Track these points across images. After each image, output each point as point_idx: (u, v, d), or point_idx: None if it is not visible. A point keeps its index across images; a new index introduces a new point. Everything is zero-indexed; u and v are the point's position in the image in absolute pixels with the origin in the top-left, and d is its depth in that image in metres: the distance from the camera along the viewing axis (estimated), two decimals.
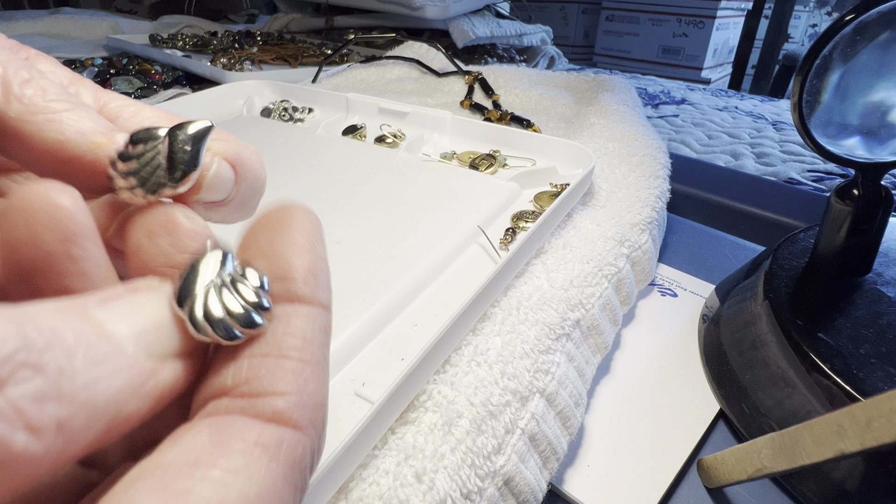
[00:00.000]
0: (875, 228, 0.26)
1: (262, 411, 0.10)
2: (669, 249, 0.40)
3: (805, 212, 0.45)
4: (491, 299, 0.23)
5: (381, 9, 0.88)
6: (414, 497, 0.17)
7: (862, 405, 0.16)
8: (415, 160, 0.37)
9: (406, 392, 0.18)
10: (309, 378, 0.10)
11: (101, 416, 0.08)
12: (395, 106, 0.43)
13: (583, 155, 0.35)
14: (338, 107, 0.47)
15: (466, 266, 0.27)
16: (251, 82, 0.51)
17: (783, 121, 0.74)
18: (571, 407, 0.22)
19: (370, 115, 0.45)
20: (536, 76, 0.59)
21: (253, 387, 0.10)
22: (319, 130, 0.42)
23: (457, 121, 0.41)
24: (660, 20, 1.64)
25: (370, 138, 0.42)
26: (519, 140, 0.38)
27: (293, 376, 0.10)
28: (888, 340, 0.23)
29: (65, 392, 0.08)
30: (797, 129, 0.25)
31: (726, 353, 0.28)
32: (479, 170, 0.36)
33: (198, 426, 0.09)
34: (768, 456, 0.19)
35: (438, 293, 0.25)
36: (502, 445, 0.19)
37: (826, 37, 0.24)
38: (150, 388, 0.09)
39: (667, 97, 0.85)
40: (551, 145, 0.37)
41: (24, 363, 0.07)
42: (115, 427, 0.09)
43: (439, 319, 0.23)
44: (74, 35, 0.90)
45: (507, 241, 0.29)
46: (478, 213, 0.30)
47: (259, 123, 0.45)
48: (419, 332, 0.23)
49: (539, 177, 0.35)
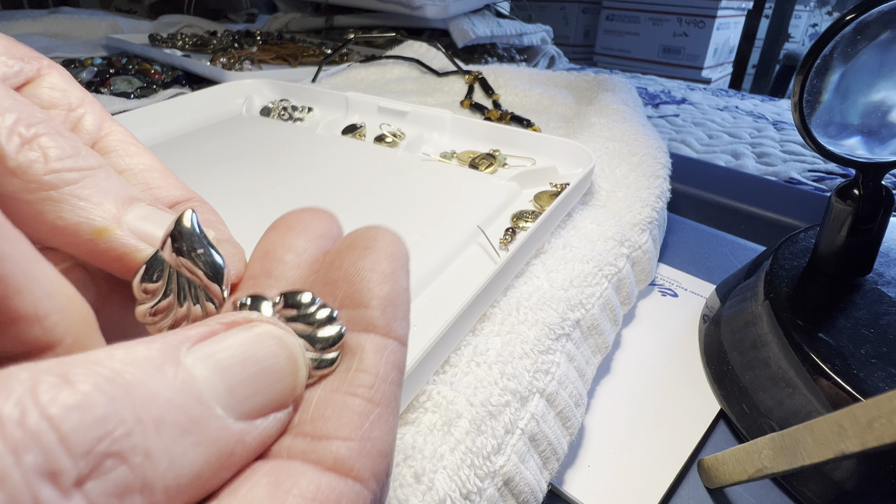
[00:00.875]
0: (876, 228, 0.26)
1: (323, 457, 0.09)
2: (670, 249, 0.40)
3: (806, 212, 0.45)
4: (491, 300, 0.23)
5: (381, 8, 0.88)
6: (413, 497, 0.16)
7: (863, 405, 0.16)
8: (414, 159, 0.37)
9: (405, 393, 0.18)
10: (376, 422, 0.09)
11: (181, 495, 0.07)
12: (395, 105, 0.43)
13: (583, 154, 0.35)
14: (337, 106, 0.47)
15: (466, 266, 0.27)
16: (250, 81, 0.51)
17: (784, 120, 0.73)
18: (571, 407, 0.22)
19: (370, 114, 0.45)
20: (536, 76, 0.59)
21: (317, 427, 0.09)
22: (319, 130, 0.42)
23: (456, 120, 0.41)
24: (660, 20, 1.64)
25: (370, 137, 0.42)
26: (519, 139, 0.38)
27: (359, 419, 0.09)
28: (889, 340, 0.23)
29: (148, 480, 0.07)
30: (798, 128, 0.25)
31: (727, 353, 0.28)
32: (478, 169, 0.36)
33: (257, 473, 0.08)
34: (769, 456, 0.19)
35: (438, 293, 0.25)
36: (502, 446, 0.19)
37: (827, 36, 0.23)
38: (237, 459, 0.08)
39: (667, 97, 0.85)
40: (551, 145, 0.37)
41: (110, 453, 0.06)
42: (194, 498, 0.08)
43: (439, 320, 0.23)
44: (74, 35, 0.90)
45: (506, 241, 0.29)
46: (477, 213, 0.30)
47: (258, 123, 0.45)
48: (418, 333, 0.22)
49: (539, 176, 0.35)
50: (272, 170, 0.35)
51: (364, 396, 0.10)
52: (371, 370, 0.10)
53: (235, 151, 0.38)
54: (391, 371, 0.10)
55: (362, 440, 0.09)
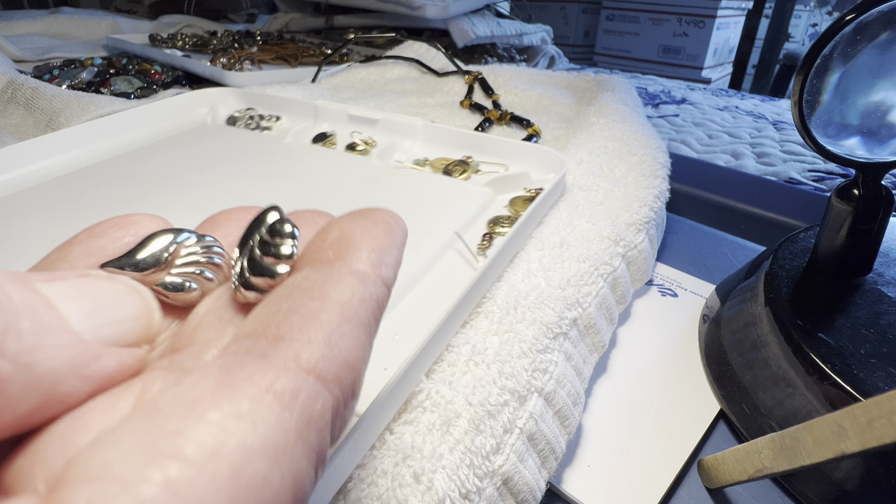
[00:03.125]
0: (875, 228, 0.26)
1: (283, 356, 0.09)
2: (670, 249, 0.40)
3: (805, 212, 0.45)
4: (472, 305, 0.23)
5: (381, 8, 0.88)
6: (412, 497, 0.16)
7: (862, 405, 0.16)
8: (388, 167, 0.36)
9: (391, 402, 0.18)
10: (345, 334, 0.09)
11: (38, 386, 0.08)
12: (365, 113, 0.43)
13: (555, 160, 0.34)
14: (306, 114, 0.46)
15: (445, 273, 0.27)
16: (214, 90, 0.49)
17: (784, 120, 0.73)
18: (569, 406, 0.22)
19: (340, 122, 0.44)
20: (536, 76, 0.59)
21: (281, 329, 0.09)
22: (288, 138, 0.41)
23: (428, 127, 0.40)
24: (660, 20, 1.64)
25: (341, 146, 0.41)
26: (490, 146, 0.38)
27: (327, 327, 0.09)
28: (889, 340, 0.23)
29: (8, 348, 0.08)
30: (797, 128, 0.25)
31: (727, 353, 0.28)
32: (452, 176, 0.36)
33: (209, 367, 0.08)
34: (769, 456, 0.19)
35: (418, 301, 0.25)
36: (501, 445, 0.19)
37: (826, 36, 0.23)
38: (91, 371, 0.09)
39: (667, 97, 0.85)
40: (523, 150, 0.36)
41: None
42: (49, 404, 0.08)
43: (420, 327, 0.23)
44: (74, 35, 0.90)
45: (484, 247, 0.29)
46: (454, 219, 0.30)
47: (224, 132, 0.44)
48: (401, 341, 0.22)
49: (512, 182, 0.34)
50: (242, 180, 0.34)
51: (336, 312, 0.10)
52: (347, 292, 0.10)
53: (202, 162, 0.37)
54: (369, 301, 0.10)
55: (328, 345, 0.09)
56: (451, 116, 0.50)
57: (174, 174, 0.35)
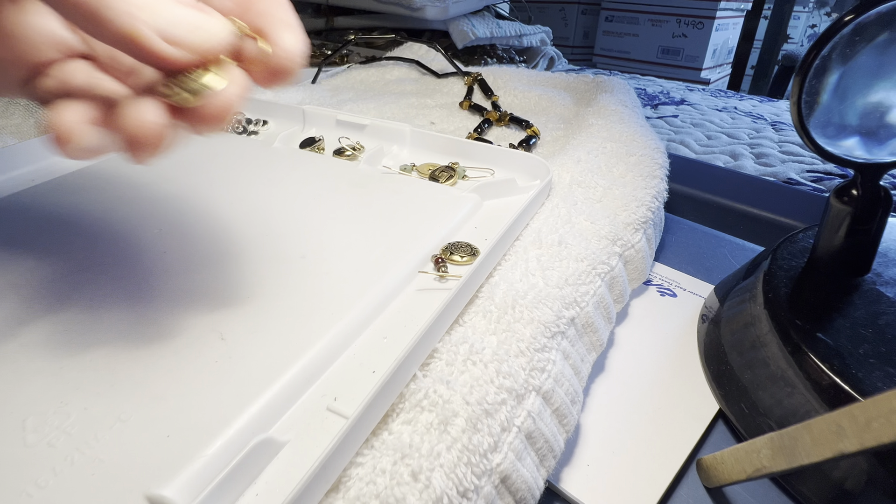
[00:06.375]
0: (874, 229, 0.26)
1: None
2: (669, 249, 0.40)
3: (804, 212, 0.45)
4: (459, 308, 0.23)
5: (382, 9, 0.88)
6: (410, 496, 0.16)
7: (861, 405, 0.16)
8: (375, 173, 0.36)
9: (380, 404, 0.18)
10: None
11: None
12: (353, 118, 0.43)
13: (540, 166, 0.34)
14: (294, 119, 0.46)
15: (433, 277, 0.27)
16: None
17: (782, 121, 0.74)
18: (567, 404, 0.22)
19: (328, 127, 0.44)
20: (536, 77, 0.59)
21: None
22: (276, 143, 0.41)
23: (416, 133, 0.40)
24: (659, 21, 1.64)
25: (329, 151, 0.41)
26: (477, 152, 0.38)
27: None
28: (887, 340, 0.23)
29: None
30: (796, 129, 0.25)
31: (726, 352, 0.28)
32: (439, 181, 0.36)
33: None
34: (767, 456, 0.19)
35: (406, 304, 0.24)
36: (498, 443, 0.19)
37: (825, 37, 0.23)
38: None
39: (666, 98, 0.85)
40: (509, 157, 0.36)
41: None
42: None
43: (408, 331, 0.23)
44: None
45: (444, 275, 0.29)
46: (442, 225, 0.29)
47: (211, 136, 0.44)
48: (389, 344, 0.22)
49: (499, 188, 0.34)
50: (229, 184, 0.34)
51: None
52: None
53: (188, 167, 0.36)
54: None
55: None
56: (451, 117, 0.50)
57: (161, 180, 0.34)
